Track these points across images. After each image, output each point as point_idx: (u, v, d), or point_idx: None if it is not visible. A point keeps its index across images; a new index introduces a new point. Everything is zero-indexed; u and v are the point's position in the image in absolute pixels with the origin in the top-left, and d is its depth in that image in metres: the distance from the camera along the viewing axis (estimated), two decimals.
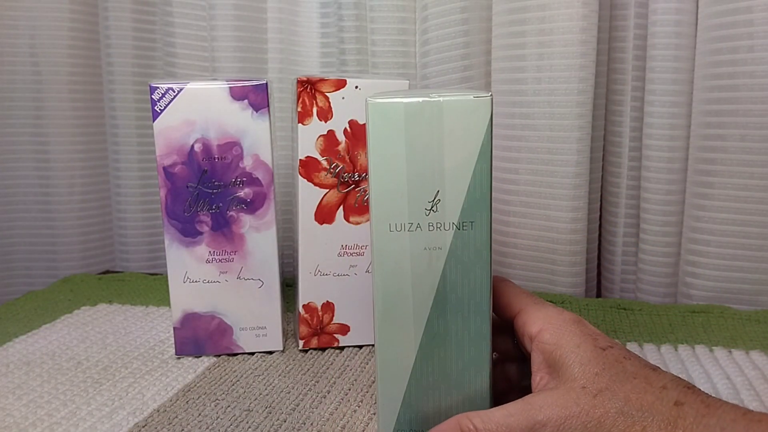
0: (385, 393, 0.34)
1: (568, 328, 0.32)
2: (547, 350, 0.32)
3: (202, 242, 0.46)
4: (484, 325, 0.33)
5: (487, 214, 0.32)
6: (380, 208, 0.32)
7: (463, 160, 0.31)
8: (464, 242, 0.32)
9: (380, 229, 0.32)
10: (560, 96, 0.57)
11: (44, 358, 0.47)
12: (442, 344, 0.33)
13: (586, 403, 0.29)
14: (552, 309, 0.33)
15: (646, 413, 0.28)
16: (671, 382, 0.29)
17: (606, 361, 0.30)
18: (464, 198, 0.31)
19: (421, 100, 0.31)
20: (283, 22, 0.66)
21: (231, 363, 0.47)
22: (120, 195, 0.74)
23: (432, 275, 0.32)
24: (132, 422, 0.38)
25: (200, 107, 0.44)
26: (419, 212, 0.31)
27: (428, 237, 0.32)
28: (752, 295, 0.56)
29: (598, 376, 0.29)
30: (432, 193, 0.31)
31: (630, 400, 0.28)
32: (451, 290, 0.32)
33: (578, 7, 0.55)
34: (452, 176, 0.31)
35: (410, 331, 0.33)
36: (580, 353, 0.30)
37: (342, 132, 0.45)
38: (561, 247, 0.60)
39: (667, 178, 0.59)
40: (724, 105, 0.54)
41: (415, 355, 0.33)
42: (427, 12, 0.61)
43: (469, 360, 0.33)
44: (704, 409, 0.27)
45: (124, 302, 0.60)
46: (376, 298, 0.33)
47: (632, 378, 0.29)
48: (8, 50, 0.70)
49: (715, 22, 0.54)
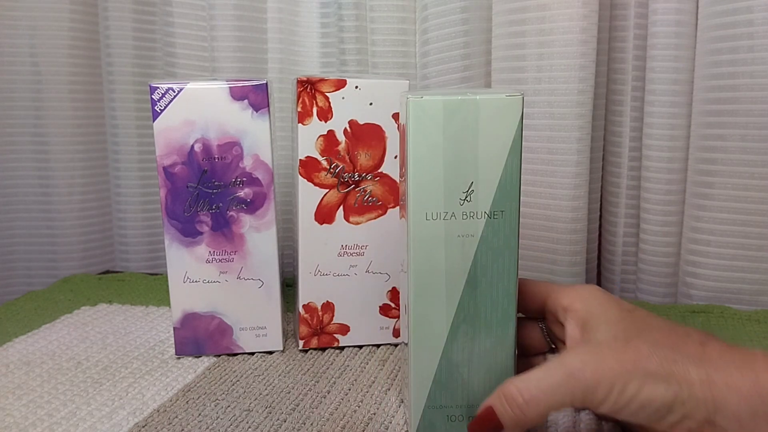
0: (418, 372, 0.35)
1: (596, 297, 0.35)
2: (579, 316, 0.34)
3: (202, 242, 0.46)
4: (510, 307, 0.35)
5: (517, 205, 0.34)
6: (418, 198, 0.34)
7: (496, 153, 0.33)
8: (495, 230, 0.34)
9: (417, 218, 0.34)
10: (560, 96, 0.57)
11: (44, 358, 0.47)
12: (472, 324, 0.35)
13: (619, 349, 0.31)
14: (578, 285, 0.37)
15: (676, 351, 0.30)
16: (693, 329, 0.33)
17: (633, 318, 0.33)
18: (496, 189, 0.34)
19: (459, 97, 0.33)
20: (283, 22, 0.66)
21: (231, 363, 0.47)
22: (120, 195, 0.74)
23: (464, 261, 0.34)
24: (132, 422, 0.38)
25: (200, 107, 0.44)
26: (454, 202, 0.34)
27: (462, 225, 0.34)
28: (752, 295, 0.56)
29: (627, 329, 0.32)
30: (467, 184, 0.33)
31: (659, 342, 0.31)
32: (481, 274, 0.34)
33: (578, 7, 0.55)
34: (485, 169, 0.33)
35: (443, 313, 0.35)
36: (609, 315, 0.33)
37: (342, 132, 0.45)
38: (561, 247, 0.60)
39: (667, 178, 0.59)
40: (724, 105, 0.54)
41: (447, 334, 0.35)
42: (427, 12, 0.61)
43: (496, 339, 0.35)
44: (726, 348, 0.30)
45: (124, 302, 0.60)
46: (410, 282, 0.34)
47: (658, 328, 0.33)
48: (8, 50, 0.70)
49: (715, 22, 0.54)
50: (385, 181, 0.46)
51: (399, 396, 0.41)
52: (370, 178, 0.46)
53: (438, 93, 0.34)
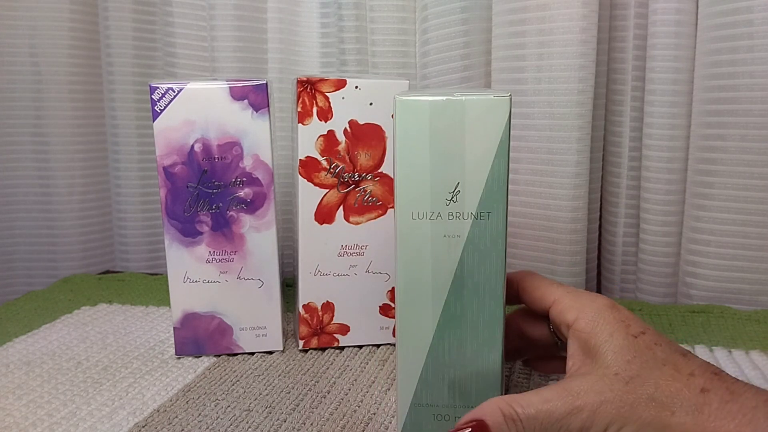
0: (404, 369, 0.35)
1: (603, 315, 0.33)
2: (582, 338, 0.33)
3: (202, 242, 0.46)
4: (497, 309, 0.35)
5: (504, 206, 0.34)
6: (404, 198, 0.34)
7: (482, 154, 0.33)
8: (481, 231, 0.34)
9: (404, 217, 0.34)
10: (560, 96, 0.57)
11: (44, 358, 0.47)
12: (459, 325, 0.35)
13: (619, 389, 0.30)
14: (586, 297, 0.35)
15: (675, 399, 0.29)
16: (699, 369, 0.31)
17: (638, 349, 0.32)
18: (482, 190, 0.33)
19: (445, 98, 0.33)
20: (283, 22, 0.66)
21: (231, 363, 0.47)
22: (120, 195, 0.74)
23: (451, 261, 0.34)
24: (132, 422, 0.38)
25: (200, 107, 0.44)
26: (440, 202, 0.34)
27: (448, 225, 0.34)
28: (752, 295, 0.56)
29: (630, 363, 0.31)
30: (452, 184, 0.33)
31: (660, 387, 0.30)
32: (468, 275, 0.34)
33: (578, 7, 0.55)
34: (472, 170, 0.33)
35: (429, 312, 0.35)
36: (613, 341, 0.32)
37: (342, 132, 0.45)
38: (561, 247, 0.60)
39: (667, 178, 0.59)
40: (724, 105, 0.54)
41: (433, 334, 0.35)
42: (427, 12, 0.61)
43: (483, 340, 0.35)
44: (728, 396, 0.29)
45: (124, 302, 0.60)
46: (398, 281, 0.35)
47: (662, 365, 0.31)
48: (8, 50, 0.70)
49: (715, 22, 0.54)
50: (385, 181, 0.47)
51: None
52: (370, 178, 0.46)
53: (428, 93, 0.34)
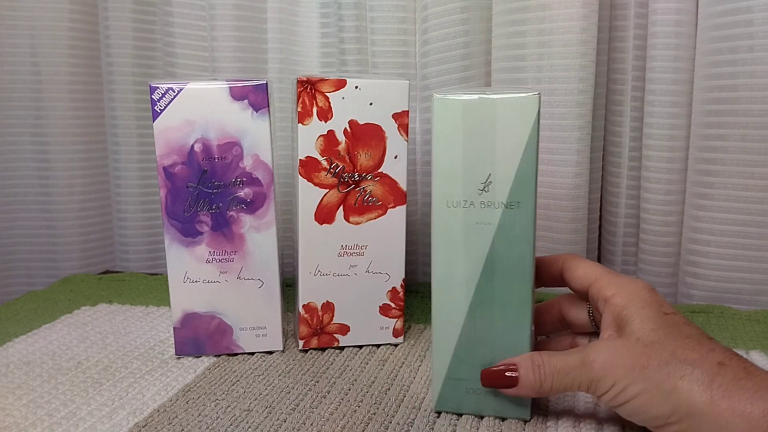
0: (438, 346, 0.38)
1: (639, 294, 0.35)
2: (616, 311, 0.35)
3: (202, 242, 0.46)
4: (526, 292, 0.37)
5: (533, 197, 0.36)
6: (440, 187, 0.37)
7: (513, 148, 0.36)
8: (511, 219, 0.36)
9: (439, 205, 0.37)
10: (560, 96, 0.57)
11: (44, 358, 0.47)
12: (489, 306, 0.37)
13: (635, 351, 0.32)
14: (626, 278, 0.37)
15: (688, 367, 0.31)
16: (720, 347, 0.32)
17: (665, 322, 0.33)
18: (512, 181, 0.36)
19: (477, 97, 0.36)
20: (283, 22, 0.66)
21: (231, 363, 0.47)
22: (120, 195, 0.74)
23: (482, 246, 0.37)
24: (132, 422, 0.38)
25: (200, 107, 0.44)
26: (473, 192, 0.36)
27: (480, 213, 0.37)
28: (752, 295, 0.56)
29: (654, 331, 0.33)
30: (484, 175, 0.36)
31: (676, 355, 0.31)
32: (498, 261, 0.37)
33: (578, 7, 0.55)
34: (502, 162, 0.36)
35: (462, 294, 0.37)
36: (643, 313, 0.34)
37: (342, 132, 0.45)
38: (561, 246, 0.60)
39: (667, 178, 0.59)
40: (724, 105, 0.54)
41: (466, 314, 0.38)
42: (427, 12, 0.61)
43: (512, 321, 0.37)
44: (743, 373, 0.30)
45: (124, 302, 0.60)
46: (433, 264, 0.38)
47: (685, 338, 0.32)
48: (8, 50, 0.70)
49: (715, 22, 0.54)
50: (385, 181, 0.46)
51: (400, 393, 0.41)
52: (370, 178, 0.46)
53: (463, 92, 0.36)
